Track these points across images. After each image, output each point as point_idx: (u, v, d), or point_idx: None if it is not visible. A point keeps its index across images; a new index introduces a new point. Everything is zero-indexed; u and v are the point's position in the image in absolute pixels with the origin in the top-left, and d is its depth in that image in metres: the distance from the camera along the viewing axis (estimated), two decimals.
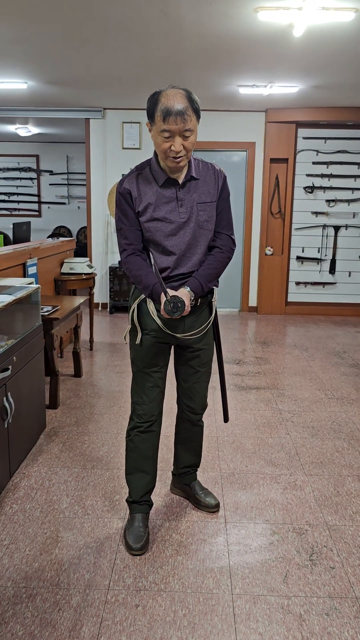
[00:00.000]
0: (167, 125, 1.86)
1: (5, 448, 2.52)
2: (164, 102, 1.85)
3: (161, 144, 1.91)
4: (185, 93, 1.88)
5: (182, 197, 2.03)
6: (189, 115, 1.87)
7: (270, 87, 5.27)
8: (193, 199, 2.04)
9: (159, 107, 1.86)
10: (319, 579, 2.03)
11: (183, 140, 1.90)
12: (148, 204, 2.01)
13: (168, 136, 1.88)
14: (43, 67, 4.89)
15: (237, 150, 6.87)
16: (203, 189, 2.07)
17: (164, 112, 1.84)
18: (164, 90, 1.89)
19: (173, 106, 1.84)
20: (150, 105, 1.91)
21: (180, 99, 1.86)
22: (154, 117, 1.89)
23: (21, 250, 3.86)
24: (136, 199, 2.02)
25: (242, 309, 7.17)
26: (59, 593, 1.91)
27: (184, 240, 2.04)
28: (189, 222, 2.04)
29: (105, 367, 4.62)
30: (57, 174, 10.12)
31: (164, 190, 2.01)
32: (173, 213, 2.02)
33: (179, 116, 1.85)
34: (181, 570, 2.05)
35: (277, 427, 3.38)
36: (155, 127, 1.91)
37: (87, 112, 6.71)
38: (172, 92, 1.87)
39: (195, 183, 2.06)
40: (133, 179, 2.04)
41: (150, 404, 2.17)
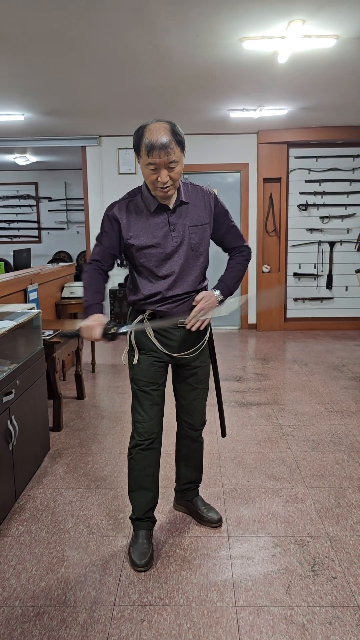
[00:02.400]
0: (152, 158, 1.94)
1: (11, 470, 2.57)
2: (148, 137, 1.93)
3: (149, 175, 2.00)
4: (168, 126, 1.95)
5: (173, 221, 2.11)
6: (172, 148, 1.94)
7: (260, 110, 5.43)
8: (185, 223, 2.12)
9: (143, 142, 1.94)
10: (321, 589, 2.06)
11: (169, 171, 1.98)
12: (138, 231, 2.08)
13: (154, 168, 1.96)
14: (39, 99, 5.06)
15: (230, 172, 7.02)
16: (194, 213, 2.15)
17: (148, 147, 1.92)
18: (148, 125, 1.96)
19: (156, 140, 1.91)
20: (135, 140, 1.99)
21: (164, 133, 1.93)
22: (139, 151, 1.97)
23: (22, 277, 3.96)
24: (124, 227, 2.10)
25: (241, 326, 7.25)
26: (65, 611, 1.95)
27: (178, 264, 2.12)
28: (181, 245, 2.11)
29: (107, 388, 4.68)
30: (55, 200, 10.31)
31: (155, 217, 2.09)
32: (166, 238, 2.10)
33: (163, 150, 1.92)
34: (185, 585, 2.09)
35: (278, 442, 3.43)
36: (141, 160, 1.99)
37: (83, 140, 6.89)
38: (156, 127, 1.94)
39: (185, 207, 2.14)
40: (123, 207, 2.12)
41: (150, 421, 2.23)
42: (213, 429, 3.58)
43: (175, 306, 2.16)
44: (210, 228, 2.21)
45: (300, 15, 3.20)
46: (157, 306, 2.16)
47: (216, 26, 3.33)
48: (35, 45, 3.60)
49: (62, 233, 10.36)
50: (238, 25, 3.31)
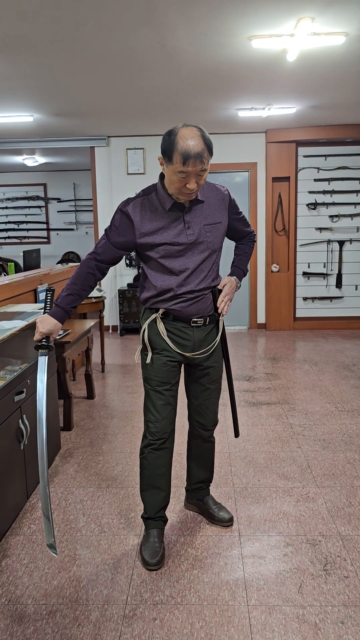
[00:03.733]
0: (186, 167, 1.91)
1: (22, 469, 2.58)
2: (183, 146, 1.88)
3: (177, 182, 1.97)
4: (200, 133, 1.93)
5: (189, 219, 2.10)
6: (205, 157, 1.93)
7: (268, 109, 5.42)
8: (200, 221, 2.12)
9: (177, 150, 1.88)
10: (333, 588, 2.05)
11: (197, 178, 1.97)
12: (154, 229, 2.08)
13: (185, 177, 1.95)
14: (48, 101, 5.08)
15: (239, 171, 7.01)
16: (209, 211, 2.15)
17: (184, 156, 1.89)
18: (180, 131, 1.91)
19: (192, 150, 1.89)
20: (167, 146, 1.92)
21: (198, 141, 1.90)
22: (171, 158, 1.91)
23: (32, 277, 3.98)
24: (137, 224, 2.09)
25: (251, 326, 7.23)
26: (78, 609, 1.96)
27: (192, 260, 2.12)
28: (196, 243, 2.12)
29: (117, 388, 4.69)
30: (64, 201, 10.35)
31: (171, 214, 2.09)
32: (181, 235, 2.09)
33: (198, 159, 1.90)
34: (197, 584, 2.09)
35: (289, 441, 3.42)
36: (172, 167, 1.94)
37: (92, 141, 6.91)
38: (189, 133, 1.91)
39: (200, 205, 2.14)
40: (138, 205, 2.11)
41: (162, 421, 2.23)
42: (224, 428, 3.58)
43: (189, 305, 2.15)
44: (224, 227, 2.22)
45: (309, 13, 3.19)
46: (170, 304, 2.15)
47: (224, 25, 3.32)
48: (44, 46, 3.62)
49: (71, 234, 10.40)
50: (246, 23, 3.31)
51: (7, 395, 2.42)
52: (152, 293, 2.17)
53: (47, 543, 1.90)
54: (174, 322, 2.18)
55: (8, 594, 2.05)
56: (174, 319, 2.17)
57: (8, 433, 2.42)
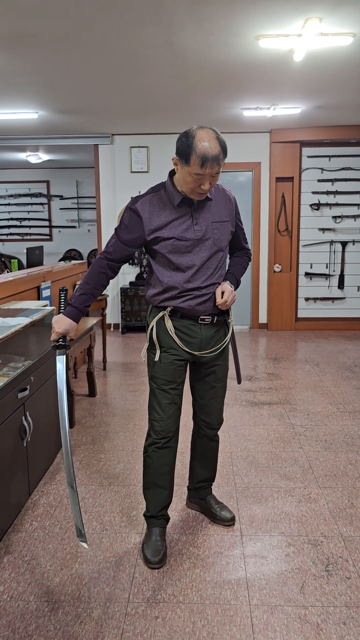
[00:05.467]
0: (204, 170, 1.94)
1: (25, 466, 2.59)
2: (201, 149, 1.91)
3: (191, 183, 2.00)
4: (215, 135, 1.95)
5: (197, 215, 2.12)
6: (221, 159, 1.96)
7: (273, 109, 5.41)
8: (208, 218, 2.14)
9: (196, 153, 1.91)
10: (335, 589, 2.05)
11: (211, 180, 2.00)
12: (162, 224, 2.09)
13: (200, 178, 1.97)
14: (53, 98, 5.08)
15: (243, 171, 7.01)
16: (216, 210, 2.17)
17: (202, 159, 1.91)
18: (196, 133, 1.93)
19: (210, 153, 1.91)
20: (184, 148, 1.94)
21: (215, 144, 1.93)
22: (188, 160, 1.94)
23: (35, 274, 3.98)
24: (146, 221, 2.10)
25: (252, 326, 7.23)
26: (80, 606, 1.96)
27: (199, 257, 2.13)
28: (203, 239, 2.12)
29: (119, 386, 4.69)
30: (67, 198, 10.34)
31: (179, 210, 2.10)
32: (189, 231, 2.10)
33: (215, 162, 1.93)
34: (199, 583, 2.09)
35: (290, 442, 3.42)
36: (188, 169, 1.96)
37: (96, 138, 6.91)
38: (206, 136, 1.93)
39: (209, 203, 2.15)
40: (146, 202, 2.12)
41: (167, 420, 2.23)
42: (225, 427, 3.59)
43: (197, 303, 2.15)
44: (231, 226, 2.23)
45: (316, 13, 3.18)
46: (178, 302, 2.15)
47: (232, 24, 3.32)
48: (50, 43, 3.61)
49: (73, 231, 10.40)
50: (254, 23, 3.30)
51: (11, 392, 2.42)
52: (158, 289, 2.18)
53: (78, 535, 1.99)
54: (181, 320, 2.18)
55: (10, 590, 2.05)
56: (182, 316, 2.18)
57: (11, 430, 2.43)
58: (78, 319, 2.14)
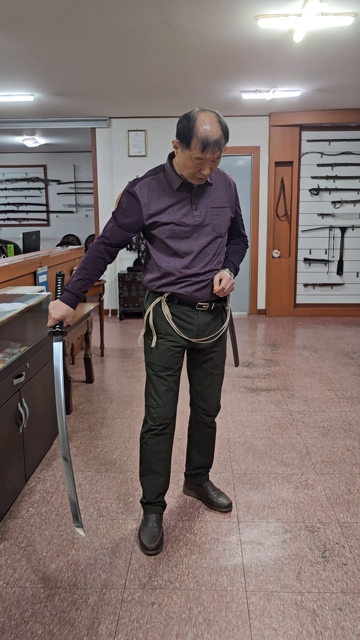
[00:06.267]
0: (205, 155, 1.89)
1: (21, 453, 2.57)
2: (202, 132, 1.86)
3: (191, 167, 1.95)
4: (217, 119, 1.90)
5: (196, 200, 2.08)
6: (223, 144, 1.91)
7: (272, 91, 5.33)
8: (207, 203, 2.10)
9: (197, 137, 1.86)
10: (331, 575, 2.05)
11: (212, 165, 1.95)
12: (161, 208, 2.05)
13: (200, 163, 1.93)
14: (49, 80, 4.99)
15: (242, 155, 6.93)
16: (216, 195, 2.13)
17: (203, 143, 1.86)
18: (198, 116, 1.87)
19: (212, 137, 1.86)
20: (185, 131, 1.89)
21: (216, 128, 1.88)
22: (189, 144, 1.89)
23: (31, 259, 3.93)
24: (144, 206, 2.06)
25: (250, 312, 7.21)
26: (76, 592, 1.96)
27: (198, 243, 2.09)
28: (202, 225, 2.09)
29: (117, 372, 4.68)
30: (64, 183, 10.25)
31: (178, 194, 2.06)
32: (188, 216, 2.07)
33: (216, 146, 1.88)
34: (195, 569, 2.09)
35: (288, 428, 3.41)
36: (188, 153, 1.91)
37: (93, 122, 6.81)
38: (208, 119, 1.87)
39: (209, 188, 2.11)
40: (145, 185, 2.08)
41: (164, 407, 2.21)
42: (222, 414, 3.58)
43: (195, 289, 2.12)
44: (231, 212, 2.20)
45: None
46: (175, 288, 2.12)
47: (231, 4, 3.24)
48: (46, 24, 3.53)
49: (70, 216, 10.32)
50: (253, 2, 3.22)
51: (6, 379, 2.40)
52: (155, 275, 2.15)
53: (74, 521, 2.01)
54: (179, 306, 2.15)
55: (6, 577, 2.05)
56: (179, 302, 2.15)
57: (7, 416, 2.41)
58: (75, 305, 2.11)
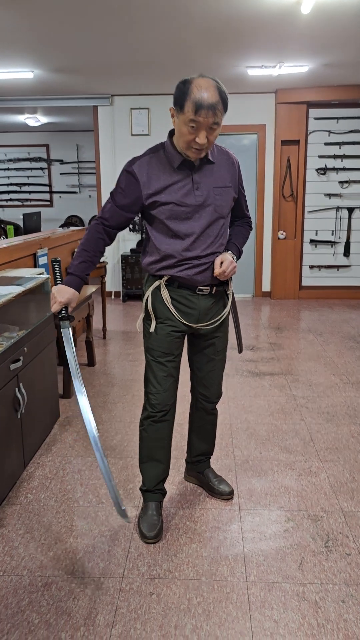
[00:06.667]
0: (197, 117, 1.81)
1: (19, 438, 2.53)
2: (197, 94, 1.79)
3: (186, 134, 1.87)
4: (215, 84, 1.83)
5: (198, 180, 1.99)
6: (219, 109, 1.83)
7: (279, 67, 5.16)
8: (209, 183, 2.01)
9: (190, 98, 1.80)
10: (334, 565, 2.01)
11: (208, 133, 1.87)
12: (161, 187, 1.97)
13: (195, 128, 1.84)
14: (49, 55, 4.85)
15: (247, 133, 6.77)
16: (219, 174, 2.04)
17: (197, 104, 1.79)
18: (195, 80, 1.82)
19: (207, 99, 1.79)
20: (180, 94, 1.83)
21: (213, 92, 1.80)
22: (183, 107, 1.83)
23: (31, 241, 3.85)
24: (143, 185, 1.98)
25: (255, 294, 7.11)
26: (74, 581, 1.92)
27: (199, 224, 2.01)
28: (204, 205, 2.00)
29: (119, 355, 4.62)
30: (67, 163, 10.10)
31: (179, 173, 1.98)
32: (188, 196, 1.98)
33: (211, 110, 1.80)
34: (195, 558, 2.05)
35: (292, 413, 3.36)
36: (182, 117, 1.85)
37: (95, 100, 6.66)
38: (204, 83, 1.81)
39: (211, 167, 2.03)
40: (144, 163, 2.00)
41: (164, 393, 2.15)
42: (225, 399, 3.52)
43: (195, 272, 2.04)
44: (234, 192, 2.11)
45: None
46: (175, 271, 2.04)
47: None
48: None
49: (73, 197, 10.19)
50: None
51: (3, 364, 2.34)
52: (155, 257, 2.07)
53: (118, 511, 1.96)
54: (179, 290, 2.08)
55: (3, 564, 2.02)
56: (179, 286, 2.07)
57: (4, 402, 2.36)
58: (80, 288, 2.03)
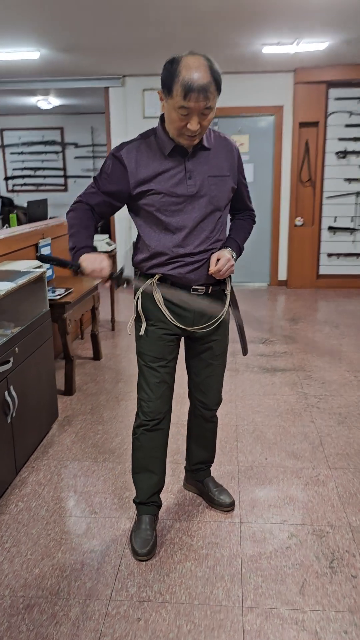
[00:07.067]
0: (187, 102, 1.62)
1: (10, 444, 2.41)
2: (186, 75, 1.59)
3: (176, 120, 1.69)
4: (207, 63, 1.63)
5: (191, 168, 1.81)
6: (211, 92, 1.63)
7: (296, 44, 4.88)
8: (204, 171, 1.83)
9: (179, 81, 1.60)
10: (338, 589, 1.86)
11: (201, 118, 1.68)
12: (150, 175, 1.79)
13: (186, 114, 1.66)
14: (55, 34, 4.65)
15: (263, 115, 6.49)
16: (215, 162, 1.86)
17: (186, 88, 1.60)
18: (184, 58, 1.62)
19: (196, 81, 1.59)
20: (167, 75, 1.64)
21: (204, 72, 1.61)
22: (171, 90, 1.63)
23: (32, 231, 3.71)
24: (131, 173, 1.80)
25: (271, 283, 6.89)
26: (57, 603, 1.81)
27: (191, 217, 1.84)
28: (197, 196, 1.83)
29: (127, 348, 4.49)
30: (82, 146, 9.92)
31: (170, 161, 1.80)
32: (180, 186, 1.80)
33: (202, 93, 1.61)
34: (189, 579, 1.91)
35: (302, 414, 3.19)
36: (171, 102, 1.66)
37: (106, 81, 6.44)
38: (194, 62, 1.61)
39: (206, 153, 1.84)
40: (133, 149, 1.82)
41: (157, 400, 2.01)
42: (232, 397, 3.38)
43: (188, 271, 1.87)
44: (231, 183, 1.92)
45: None
46: (166, 269, 1.88)
47: None
48: None
49: (88, 181, 9.90)
50: None
51: None
52: (145, 255, 1.91)
53: None
54: (171, 290, 1.91)
55: None
56: (172, 285, 1.91)
57: None
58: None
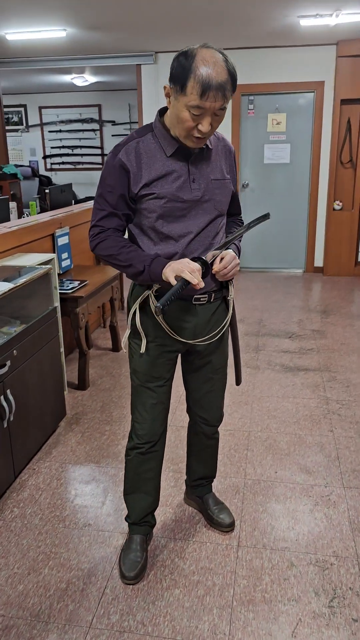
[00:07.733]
0: (203, 101, 1.45)
1: (7, 448, 2.35)
2: (203, 71, 1.42)
3: (186, 120, 1.50)
4: (224, 58, 1.46)
5: (194, 171, 1.65)
6: (228, 90, 1.47)
7: (336, 15, 4.52)
8: (207, 174, 1.67)
9: (196, 77, 1.43)
10: (335, 635, 1.71)
11: (213, 119, 1.51)
12: (152, 179, 1.62)
13: (199, 114, 1.48)
14: (82, 11, 4.47)
15: (303, 92, 6.12)
16: (216, 164, 1.70)
17: (204, 85, 1.42)
18: (199, 52, 1.44)
19: (215, 79, 1.42)
20: (181, 70, 1.45)
21: (221, 69, 1.44)
22: (185, 87, 1.45)
23: (48, 220, 3.61)
24: (135, 175, 1.63)
25: (306, 269, 6.60)
26: (36, 627, 1.74)
27: (196, 223, 1.67)
28: (202, 201, 1.66)
29: None
30: (119, 124, 9.77)
31: (173, 162, 1.63)
32: (184, 190, 1.63)
33: (220, 92, 1.44)
34: (175, 609, 1.81)
35: (320, 422, 3.00)
36: (184, 99, 1.47)
37: (137, 58, 6.22)
38: (211, 57, 1.43)
39: (207, 155, 1.68)
40: (132, 150, 1.63)
41: (152, 422, 1.87)
42: (249, 399, 3.22)
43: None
44: (232, 185, 1.77)
45: None
46: None
47: None
48: None
49: None
50: None
51: None
52: None
53: None
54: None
55: None
56: None
57: None
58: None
